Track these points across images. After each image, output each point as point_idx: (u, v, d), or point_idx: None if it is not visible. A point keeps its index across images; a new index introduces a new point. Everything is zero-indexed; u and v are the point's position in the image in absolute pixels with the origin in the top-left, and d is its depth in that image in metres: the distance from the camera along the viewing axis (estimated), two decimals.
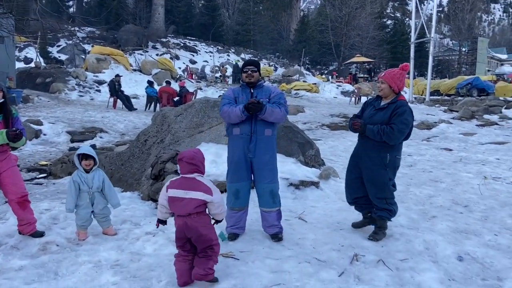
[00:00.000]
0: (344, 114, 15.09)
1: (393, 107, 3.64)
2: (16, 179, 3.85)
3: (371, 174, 3.76)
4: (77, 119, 11.42)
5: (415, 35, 21.80)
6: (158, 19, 37.06)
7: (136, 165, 6.48)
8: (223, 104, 3.78)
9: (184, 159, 2.90)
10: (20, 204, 3.82)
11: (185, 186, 2.89)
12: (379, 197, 3.76)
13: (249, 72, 3.76)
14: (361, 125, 3.69)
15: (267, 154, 3.78)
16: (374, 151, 3.70)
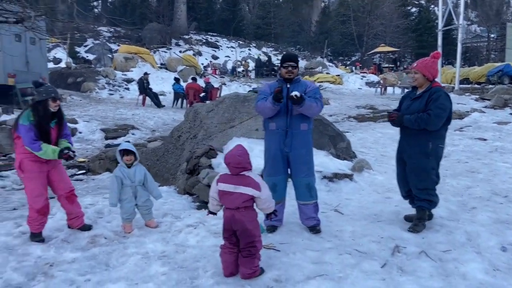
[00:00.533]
0: (371, 105, 14.93)
1: (427, 94, 3.68)
2: (64, 176, 4.07)
3: (413, 163, 3.78)
4: (110, 117, 11.74)
5: (442, 23, 21.25)
6: (180, 16, 37.37)
7: (171, 160, 6.66)
8: (258, 100, 3.86)
9: (231, 164, 3.00)
10: (68, 198, 4.02)
11: (235, 181, 2.99)
12: (420, 187, 3.77)
13: (289, 68, 3.80)
14: (397, 116, 3.74)
15: (303, 148, 3.84)
16: (415, 140, 3.72)
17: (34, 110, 3.67)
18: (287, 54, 4.01)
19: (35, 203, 3.77)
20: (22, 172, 3.78)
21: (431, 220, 4.03)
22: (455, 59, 33.51)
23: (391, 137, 8.90)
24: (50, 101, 3.68)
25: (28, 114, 3.66)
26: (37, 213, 3.78)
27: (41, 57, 14.10)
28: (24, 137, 3.62)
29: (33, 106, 3.71)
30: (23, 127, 3.62)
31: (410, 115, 3.67)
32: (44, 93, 3.68)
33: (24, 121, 3.63)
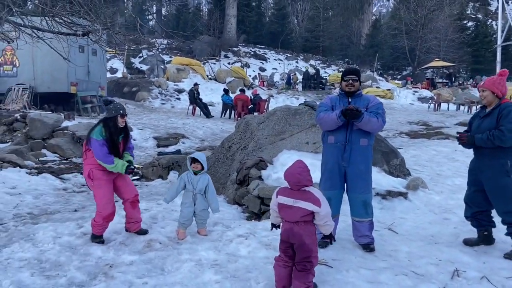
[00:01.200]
0: (424, 122, 14.43)
1: (497, 111, 3.58)
2: (128, 181, 4.30)
3: (493, 185, 3.60)
4: (161, 126, 12.17)
5: (501, 38, 20.29)
6: (230, 29, 38.24)
7: (221, 170, 6.77)
8: (320, 111, 3.85)
9: (291, 183, 3.00)
10: (132, 203, 4.24)
11: (295, 195, 2.99)
12: (507, 210, 3.57)
13: (350, 81, 3.78)
14: (467, 137, 3.67)
15: (362, 164, 3.77)
16: (492, 160, 3.59)
17: (105, 126, 3.96)
18: (348, 68, 4.02)
19: (104, 209, 4.00)
20: (92, 181, 4.02)
21: (493, 245, 3.83)
22: None
23: (446, 155, 8.55)
24: (119, 117, 3.96)
25: (100, 129, 3.95)
26: (103, 219, 4.01)
27: (101, 67, 14.93)
28: (98, 152, 3.89)
29: (104, 122, 4.00)
30: (96, 142, 3.90)
31: (481, 134, 3.57)
32: (114, 110, 3.97)
33: (98, 136, 3.92)
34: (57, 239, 4.01)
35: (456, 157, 8.34)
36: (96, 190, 4.04)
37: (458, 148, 9.22)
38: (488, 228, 3.85)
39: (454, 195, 5.46)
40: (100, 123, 4.04)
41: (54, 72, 13.16)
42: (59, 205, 5.75)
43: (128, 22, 21.02)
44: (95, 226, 4.02)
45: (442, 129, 12.63)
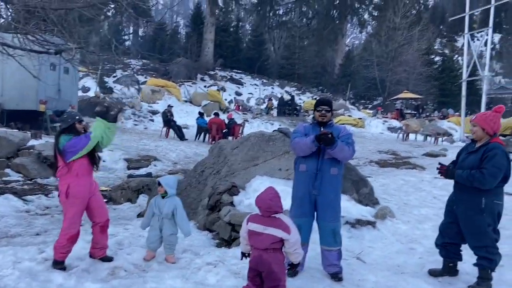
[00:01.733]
0: (393, 151, 14.82)
1: (483, 150, 3.53)
2: (103, 203, 4.20)
3: (467, 220, 3.62)
4: (133, 147, 11.99)
5: (467, 73, 21.31)
6: (207, 53, 38.65)
7: (192, 195, 6.70)
8: (295, 137, 3.91)
9: (262, 208, 3.02)
10: (102, 228, 4.12)
11: (265, 222, 3.00)
12: (478, 245, 3.60)
13: (323, 111, 3.85)
14: (447, 170, 3.65)
15: (332, 193, 3.81)
16: (468, 196, 3.58)
17: (67, 134, 3.87)
18: (321, 98, 4.11)
19: (71, 228, 3.86)
20: (67, 197, 3.86)
21: (457, 276, 3.91)
22: (478, 109, 33.26)
23: (413, 185, 8.77)
24: (76, 124, 3.91)
25: (63, 137, 3.85)
26: (67, 240, 3.86)
27: (73, 85, 14.71)
28: (80, 142, 3.78)
29: (63, 132, 3.90)
30: (69, 143, 3.78)
31: (462, 171, 3.55)
32: (70, 118, 3.91)
33: (67, 140, 3.80)
34: (17, 264, 3.82)
35: (422, 187, 8.57)
36: (69, 208, 3.90)
37: (425, 178, 9.52)
38: (455, 260, 3.90)
39: (420, 225, 5.59)
40: (60, 134, 3.91)
41: (23, 89, 12.85)
42: (20, 228, 5.52)
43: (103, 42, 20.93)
44: (58, 249, 3.86)
45: (410, 159, 13.00)
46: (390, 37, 41.75)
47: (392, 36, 41.65)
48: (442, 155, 13.79)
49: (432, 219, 6.01)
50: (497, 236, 3.66)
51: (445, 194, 7.80)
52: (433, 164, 11.96)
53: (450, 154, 14.03)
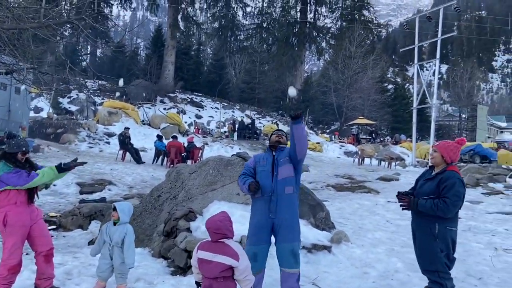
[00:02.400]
0: (349, 175, 15.22)
1: (440, 177, 3.64)
2: (45, 232, 3.98)
3: (421, 245, 3.71)
4: (87, 171, 11.56)
5: (417, 101, 22.49)
6: (167, 75, 38.49)
7: (148, 221, 6.52)
8: (240, 175, 4.04)
9: (210, 229, 2.99)
10: (46, 257, 3.90)
11: (214, 249, 2.96)
12: (429, 269, 3.66)
13: (279, 133, 4.11)
14: (410, 202, 3.67)
15: (288, 212, 3.81)
16: (423, 221, 3.67)
17: (7, 160, 3.73)
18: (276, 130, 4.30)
19: (10, 259, 3.65)
20: (5, 226, 3.67)
21: None
22: (428, 135, 35.02)
23: (368, 209, 9.03)
24: (20, 154, 3.79)
25: (3, 165, 3.69)
26: (8, 271, 3.64)
27: (24, 106, 14.10)
28: (17, 180, 3.64)
29: (5, 158, 3.75)
30: (7, 175, 3.63)
31: (425, 201, 3.60)
32: (15, 146, 3.77)
33: (5, 170, 3.65)
34: None
35: (376, 210, 8.84)
36: (8, 237, 3.69)
37: (379, 202, 9.83)
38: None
39: (373, 249, 5.72)
40: (1, 160, 3.76)
41: None
42: None
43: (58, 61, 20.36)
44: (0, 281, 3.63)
45: (365, 183, 13.39)
46: (346, 65, 43.48)
47: (348, 64, 43.40)
48: (395, 179, 14.33)
49: (385, 242, 6.20)
50: (450, 263, 3.72)
51: (397, 218, 8.11)
52: (387, 188, 12.42)
53: (402, 178, 14.62)
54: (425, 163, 21.11)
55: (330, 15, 55.28)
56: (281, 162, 3.87)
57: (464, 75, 48.98)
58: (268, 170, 3.85)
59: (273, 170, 3.83)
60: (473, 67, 52.39)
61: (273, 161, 3.90)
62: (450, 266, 3.72)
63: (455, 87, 49.65)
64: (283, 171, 3.84)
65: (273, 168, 3.84)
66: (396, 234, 6.80)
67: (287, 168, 3.85)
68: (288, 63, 50.65)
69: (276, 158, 3.90)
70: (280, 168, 3.84)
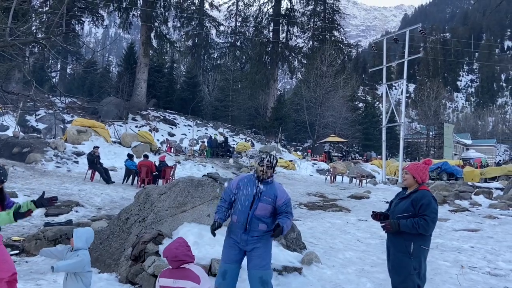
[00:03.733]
0: (321, 193, 15.34)
1: (413, 196, 3.83)
2: (6, 257, 3.82)
3: (395, 261, 3.83)
4: (53, 191, 11.17)
5: (386, 120, 23.10)
6: (140, 93, 38.09)
7: (115, 244, 6.34)
8: (220, 199, 4.05)
9: (168, 258, 2.97)
10: (9, 283, 3.74)
11: (174, 275, 2.96)
12: (400, 287, 3.76)
13: (264, 167, 3.91)
14: (391, 224, 3.79)
15: (259, 242, 3.83)
16: (398, 239, 3.81)
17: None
18: (268, 157, 4.02)
19: None
20: None
21: None
22: (398, 152, 35.91)
23: (339, 227, 9.11)
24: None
25: None
26: None
27: None
28: None
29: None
30: None
31: (405, 220, 3.74)
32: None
33: None
34: None
35: (347, 229, 8.93)
36: None
37: (350, 221, 9.94)
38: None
39: (344, 269, 5.75)
40: None
41: None
42: None
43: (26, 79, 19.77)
44: None
45: (337, 201, 13.53)
46: (318, 84, 44.38)
47: (320, 82, 44.31)
48: (365, 197, 14.55)
49: (356, 262, 6.24)
50: (421, 283, 3.84)
51: (368, 237, 8.21)
52: (358, 206, 12.59)
53: (373, 196, 14.86)
54: (395, 180, 21.58)
55: (302, 35, 56.56)
56: (263, 198, 3.83)
57: (430, 94, 50.80)
58: (248, 201, 3.84)
59: (253, 203, 3.82)
60: (439, 86, 54.43)
61: (255, 193, 3.85)
62: (421, 285, 3.82)
63: (423, 106, 51.37)
64: (261, 209, 3.82)
65: (253, 201, 3.82)
66: (366, 253, 6.87)
67: (266, 208, 3.83)
68: (261, 81, 51.20)
69: (260, 193, 3.85)
70: (260, 205, 3.81)
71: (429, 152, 48.21)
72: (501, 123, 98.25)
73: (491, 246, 7.41)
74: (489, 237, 8.28)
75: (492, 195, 14.97)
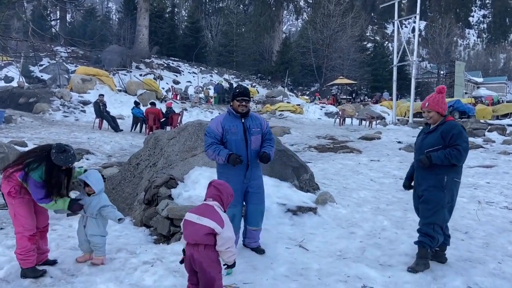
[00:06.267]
0: (331, 136, 15.19)
1: (442, 128, 3.66)
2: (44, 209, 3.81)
3: (428, 196, 3.69)
4: (63, 140, 11.13)
5: (397, 58, 22.33)
6: (142, 40, 37.05)
7: (127, 190, 6.32)
8: (207, 144, 3.96)
9: (213, 183, 3.05)
10: (41, 233, 3.84)
11: (201, 212, 2.91)
12: (428, 222, 3.65)
13: (243, 102, 3.99)
14: (423, 162, 3.62)
15: (259, 178, 4.15)
16: (431, 174, 3.66)
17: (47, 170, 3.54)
18: (241, 89, 4.08)
19: (28, 230, 3.57)
20: (13, 198, 3.55)
21: (395, 258, 3.98)
22: (407, 93, 35.18)
23: (351, 168, 9.01)
24: (63, 167, 3.62)
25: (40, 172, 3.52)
26: (29, 241, 3.56)
27: None
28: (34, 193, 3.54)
29: (47, 166, 3.54)
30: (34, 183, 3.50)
31: (436, 152, 3.59)
32: (62, 161, 3.54)
33: (37, 178, 3.51)
34: None
35: (360, 170, 8.83)
36: (19, 208, 3.56)
37: (362, 161, 9.83)
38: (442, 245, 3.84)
39: (359, 208, 5.69)
40: (42, 163, 3.53)
41: None
42: None
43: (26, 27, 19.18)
44: (25, 256, 3.53)
45: (347, 143, 13.39)
46: (325, 24, 42.74)
47: (327, 23, 42.66)
48: (377, 138, 14.38)
49: (370, 201, 6.18)
50: (449, 218, 3.77)
51: (381, 176, 8.12)
52: (369, 147, 12.45)
53: (384, 136, 14.68)
54: (405, 120, 21.27)
55: None
56: (252, 131, 4.00)
57: (442, 31, 48.84)
58: (242, 139, 3.95)
59: (246, 139, 3.96)
60: (451, 23, 52.21)
61: (244, 129, 3.97)
62: (448, 220, 3.76)
63: (434, 44, 49.59)
64: (255, 141, 4.01)
65: (246, 137, 3.96)
66: (380, 192, 6.79)
67: (258, 139, 4.04)
68: (266, 24, 49.50)
69: (248, 127, 3.99)
70: (253, 138, 3.99)
71: None
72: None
73: (507, 181, 7.29)
74: (505, 172, 8.15)
75: (506, 131, 14.71)
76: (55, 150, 3.51)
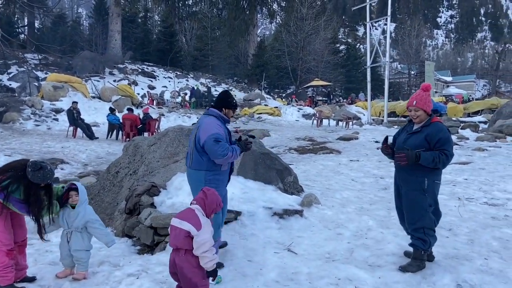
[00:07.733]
0: (310, 137, 15.25)
1: (427, 130, 3.57)
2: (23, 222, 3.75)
3: (409, 199, 3.64)
4: (35, 150, 10.77)
5: (370, 60, 22.70)
6: (115, 45, 36.41)
7: (107, 199, 6.13)
8: (225, 148, 3.71)
9: (204, 188, 3.09)
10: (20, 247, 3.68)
11: (183, 216, 2.91)
12: (417, 226, 3.62)
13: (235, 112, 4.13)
14: (408, 157, 3.48)
15: None
16: (411, 176, 3.60)
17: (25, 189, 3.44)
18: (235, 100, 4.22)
19: (5, 244, 3.41)
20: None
21: (384, 258, 3.99)
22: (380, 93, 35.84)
23: (332, 169, 9.05)
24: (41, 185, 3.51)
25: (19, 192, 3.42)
26: (7, 256, 3.40)
27: None
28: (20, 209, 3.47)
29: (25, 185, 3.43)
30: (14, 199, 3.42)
31: (426, 153, 3.48)
32: (40, 179, 3.43)
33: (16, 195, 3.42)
34: None
35: (340, 170, 8.87)
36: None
37: (342, 162, 9.89)
38: None
39: (343, 209, 5.69)
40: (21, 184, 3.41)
41: None
42: None
43: None
44: (2, 272, 3.37)
45: (326, 143, 13.47)
46: (299, 27, 43.11)
47: (300, 26, 43.03)
48: (354, 138, 14.53)
49: (354, 201, 6.20)
50: (436, 219, 3.76)
51: (362, 176, 8.18)
52: (348, 147, 12.55)
53: (361, 136, 14.85)
54: (380, 120, 21.61)
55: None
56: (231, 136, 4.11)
57: (411, 32, 50.09)
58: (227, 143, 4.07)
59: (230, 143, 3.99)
60: (419, 24, 53.61)
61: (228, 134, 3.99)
62: (436, 222, 3.75)
63: (404, 45, 50.83)
64: None
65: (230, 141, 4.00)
66: (362, 192, 6.83)
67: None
68: (240, 28, 49.47)
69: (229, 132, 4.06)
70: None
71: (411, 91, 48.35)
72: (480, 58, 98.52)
73: (484, 177, 7.46)
74: (481, 168, 8.35)
75: (478, 128, 15.12)
76: (31, 168, 3.39)
